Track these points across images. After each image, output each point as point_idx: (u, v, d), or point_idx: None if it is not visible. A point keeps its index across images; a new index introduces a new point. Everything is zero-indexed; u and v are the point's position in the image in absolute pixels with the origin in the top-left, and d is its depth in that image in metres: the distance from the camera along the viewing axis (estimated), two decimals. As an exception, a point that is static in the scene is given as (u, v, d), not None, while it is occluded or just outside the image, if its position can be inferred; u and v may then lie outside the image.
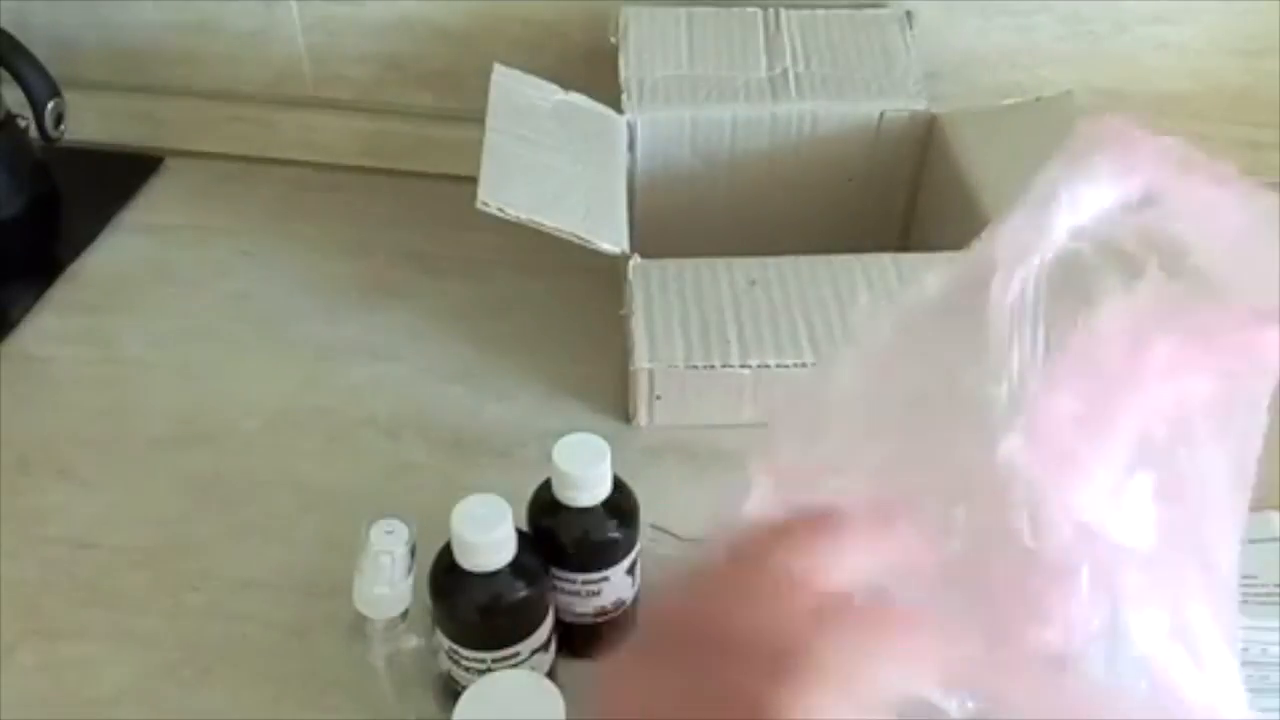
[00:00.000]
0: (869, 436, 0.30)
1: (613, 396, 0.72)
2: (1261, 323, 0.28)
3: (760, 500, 0.30)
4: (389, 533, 0.52)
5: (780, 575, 0.28)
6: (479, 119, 0.68)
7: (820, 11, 0.79)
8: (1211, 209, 0.30)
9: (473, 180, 0.63)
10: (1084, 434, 0.28)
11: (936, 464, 0.29)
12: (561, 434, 0.53)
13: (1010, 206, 0.33)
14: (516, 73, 0.72)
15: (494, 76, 0.71)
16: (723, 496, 0.32)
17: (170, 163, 0.91)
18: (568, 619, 0.56)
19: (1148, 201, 0.30)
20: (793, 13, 0.79)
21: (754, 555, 0.29)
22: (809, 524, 0.29)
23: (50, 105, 0.83)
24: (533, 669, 0.52)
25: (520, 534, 0.51)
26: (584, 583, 0.55)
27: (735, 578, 0.29)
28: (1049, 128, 0.73)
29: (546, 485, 0.54)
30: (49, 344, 0.77)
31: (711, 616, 0.28)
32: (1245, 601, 0.60)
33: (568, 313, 0.78)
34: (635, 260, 0.65)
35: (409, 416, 0.71)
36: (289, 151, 0.91)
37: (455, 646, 0.52)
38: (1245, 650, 0.58)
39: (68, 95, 0.84)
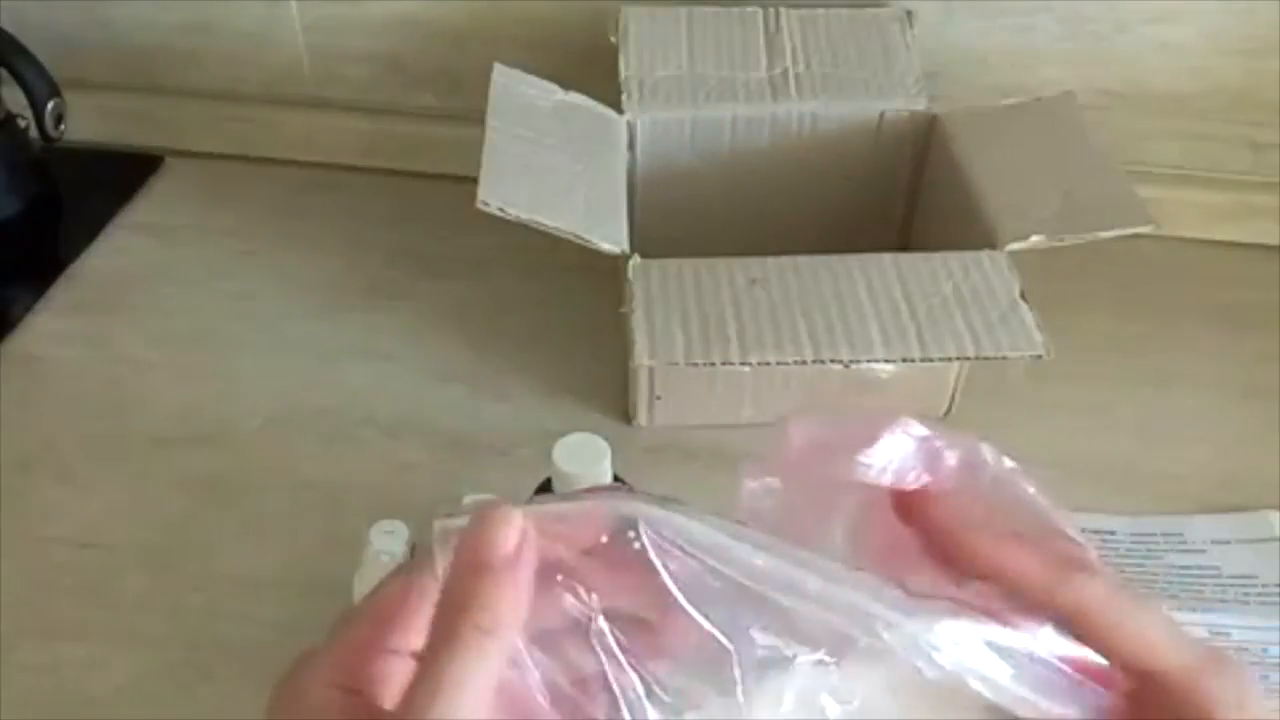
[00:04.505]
0: None
1: (613, 396, 0.72)
2: None
3: None
4: (389, 533, 0.52)
5: None
6: (479, 119, 0.68)
7: (820, 11, 0.79)
8: None
9: (473, 180, 0.63)
10: None
11: None
12: (561, 434, 0.53)
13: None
14: (516, 72, 0.72)
15: (494, 76, 0.71)
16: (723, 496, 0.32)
17: (170, 163, 0.91)
18: (568, 619, 0.56)
19: None
20: (793, 12, 0.79)
21: None
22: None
23: (50, 105, 0.83)
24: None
25: (520, 534, 0.51)
26: (584, 582, 0.55)
27: None
28: (1049, 128, 0.73)
29: (546, 485, 0.54)
30: (49, 344, 0.77)
31: None
32: (1245, 602, 0.61)
33: (568, 313, 0.78)
34: (635, 260, 0.65)
35: (409, 416, 0.71)
36: (289, 151, 0.91)
37: (455, 646, 0.52)
38: (1245, 650, 0.58)
39: (68, 95, 0.84)
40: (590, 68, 0.79)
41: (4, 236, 0.85)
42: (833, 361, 0.61)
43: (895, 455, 0.30)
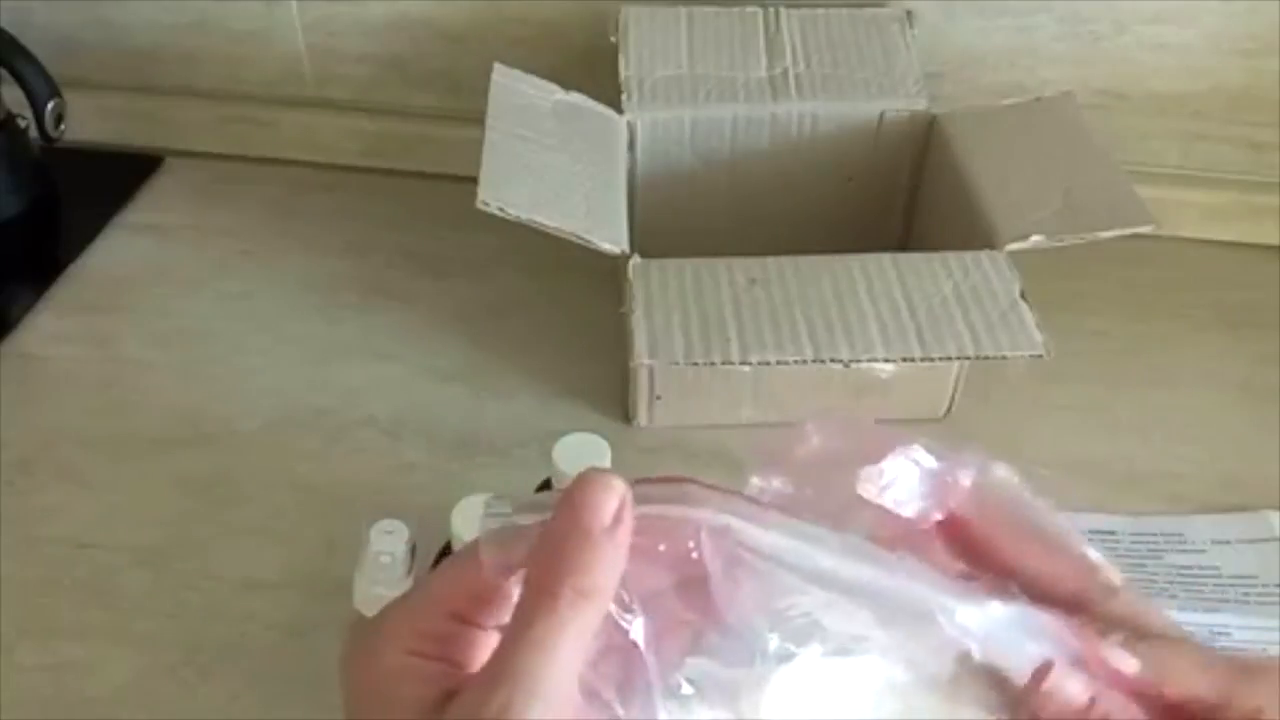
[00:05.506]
0: None
1: (613, 396, 0.72)
2: None
3: None
4: (389, 533, 0.52)
5: None
6: (479, 119, 0.68)
7: (820, 11, 0.79)
8: None
9: (473, 180, 0.63)
10: None
11: None
12: (561, 434, 0.53)
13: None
14: (516, 72, 0.72)
15: (494, 76, 0.71)
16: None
17: (170, 163, 0.91)
18: (568, 619, 0.56)
19: None
20: (793, 12, 0.79)
21: None
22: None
23: (50, 105, 0.83)
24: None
25: (520, 534, 0.51)
26: (584, 582, 0.55)
27: None
28: (1049, 128, 0.73)
29: (546, 485, 0.54)
30: (49, 344, 0.77)
31: None
32: (1245, 602, 0.61)
33: (568, 313, 0.78)
34: (635, 260, 0.65)
35: (409, 416, 0.71)
36: (289, 151, 0.91)
37: (455, 646, 0.52)
38: (1244, 650, 0.58)
39: (68, 95, 0.84)
40: (590, 68, 0.79)
41: (4, 236, 0.85)
42: (833, 361, 0.61)
43: (897, 479, 0.31)
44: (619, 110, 0.74)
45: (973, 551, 0.32)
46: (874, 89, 0.75)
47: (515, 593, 0.29)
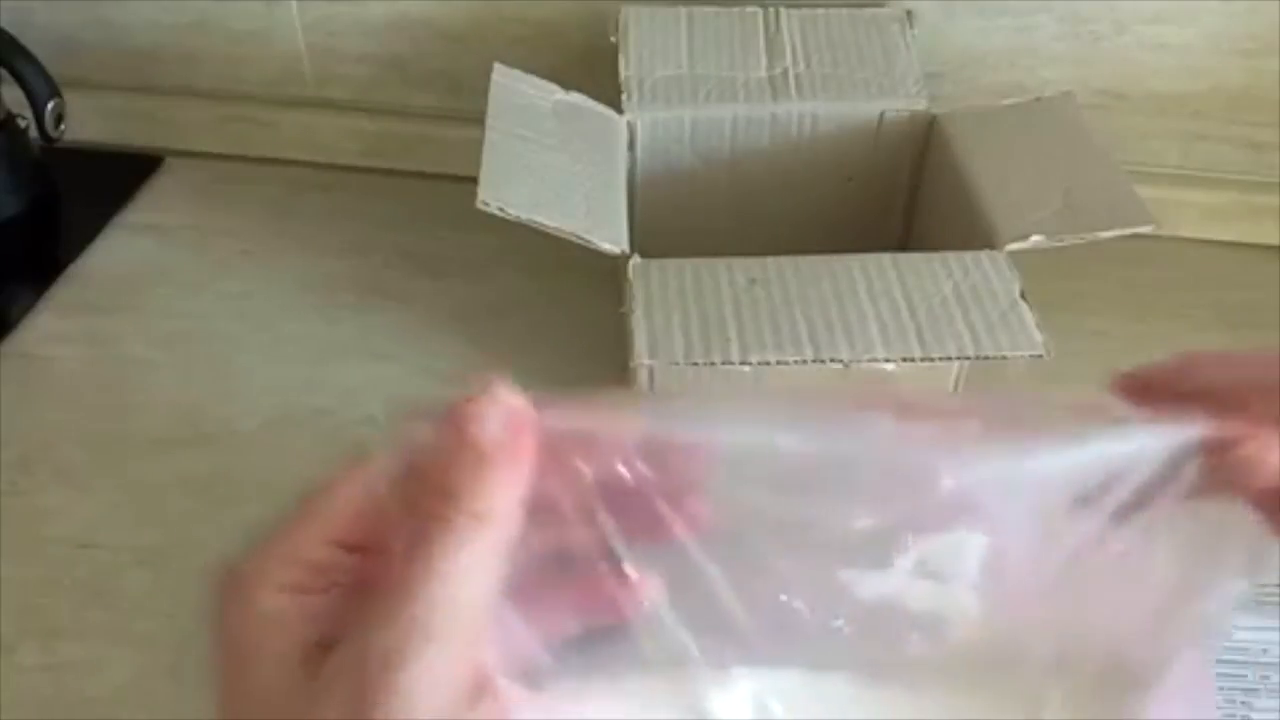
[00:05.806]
0: None
1: (613, 396, 0.72)
2: None
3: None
4: (389, 532, 0.52)
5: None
6: (479, 119, 0.68)
7: (820, 11, 0.79)
8: None
9: (473, 180, 0.63)
10: None
11: None
12: (561, 434, 0.53)
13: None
14: (516, 72, 0.72)
15: (494, 76, 0.71)
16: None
17: (170, 163, 0.91)
18: (568, 619, 0.56)
19: None
20: (793, 12, 0.79)
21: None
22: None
23: (50, 105, 0.83)
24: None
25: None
26: (584, 582, 0.55)
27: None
28: (1049, 128, 0.73)
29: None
30: (49, 344, 0.77)
31: None
32: (1246, 601, 0.61)
33: (568, 313, 0.78)
34: (635, 260, 0.65)
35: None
36: (289, 151, 0.91)
37: (455, 646, 0.52)
38: (1245, 650, 0.58)
39: (68, 95, 0.84)
40: (590, 68, 0.79)
41: (4, 236, 0.85)
42: (833, 361, 0.61)
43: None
44: (619, 110, 0.74)
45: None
46: (874, 89, 0.75)
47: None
